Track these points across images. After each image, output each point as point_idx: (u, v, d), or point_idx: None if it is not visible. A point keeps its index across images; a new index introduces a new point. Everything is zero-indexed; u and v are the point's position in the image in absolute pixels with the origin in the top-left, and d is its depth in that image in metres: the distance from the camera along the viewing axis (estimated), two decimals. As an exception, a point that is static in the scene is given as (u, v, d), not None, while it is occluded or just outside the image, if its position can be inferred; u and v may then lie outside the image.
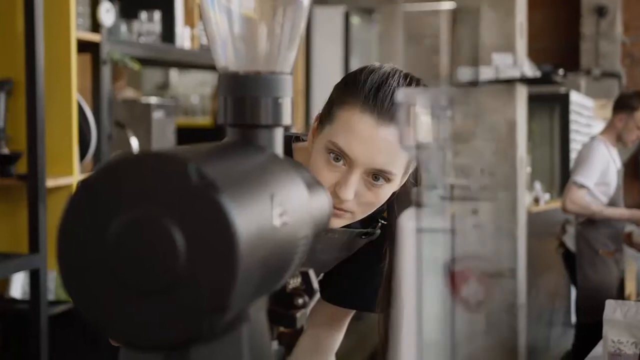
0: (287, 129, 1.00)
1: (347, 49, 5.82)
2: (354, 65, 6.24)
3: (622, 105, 4.44)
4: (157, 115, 3.19)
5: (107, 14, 2.74)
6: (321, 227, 0.88)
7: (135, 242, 0.63)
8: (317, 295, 0.84)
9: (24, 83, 2.46)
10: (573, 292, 5.19)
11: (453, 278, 0.70)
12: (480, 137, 5.40)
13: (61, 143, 2.61)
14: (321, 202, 0.87)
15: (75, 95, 2.62)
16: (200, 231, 0.62)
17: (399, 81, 1.29)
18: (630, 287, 4.92)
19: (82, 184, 0.64)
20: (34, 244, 2.41)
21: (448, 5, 5.49)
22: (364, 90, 1.28)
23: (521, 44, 5.45)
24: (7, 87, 2.55)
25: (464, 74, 5.27)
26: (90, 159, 2.79)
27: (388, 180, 1.28)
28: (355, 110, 1.26)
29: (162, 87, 5.90)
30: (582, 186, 4.28)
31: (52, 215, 2.53)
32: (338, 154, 1.27)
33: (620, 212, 4.46)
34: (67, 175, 2.61)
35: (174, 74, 5.93)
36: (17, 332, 2.60)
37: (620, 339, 1.97)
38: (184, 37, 3.32)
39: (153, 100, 3.37)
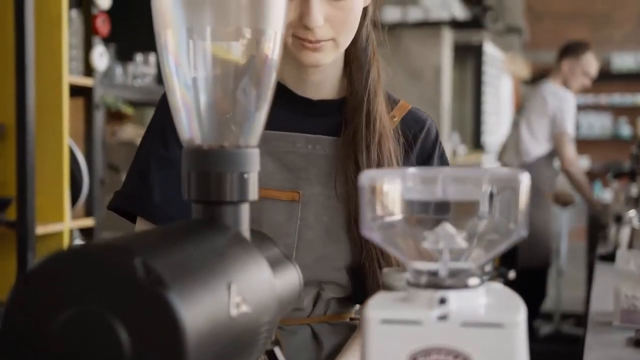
0: None
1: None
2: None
3: (569, 51, 4.53)
4: (153, 157, 3.16)
5: (101, 58, 2.73)
6: (289, 304, 0.84)
7: (78, 338, 0.60)
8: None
9: (15, 127, 2.44)
10: None
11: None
12: (405, 82, 5.29)
13: (52, 189, 2.58)
14: (289, 279, 0.84)
15: (67, 140, 2.60)
16: (146, 328, 0.59)
17: None
18: None
19: (24, 278, 0.61)
20: (22, 293, 2.36)
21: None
22: None
23: None
24: (-2, 131, 2.53)
25: (391, 13, 5.20)
26: (82, 205, 2.76)
27: None
28: None
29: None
30: (572, 138, 4.36)
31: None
32: None
33: (595, 198, 4.57)
34: (58, 221, 2.58)
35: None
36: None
37: (635, 293, 1.77)
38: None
39: (149, 142, 3.34)
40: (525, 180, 0.67)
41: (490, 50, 7.31)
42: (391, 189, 0.70)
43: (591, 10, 10.17)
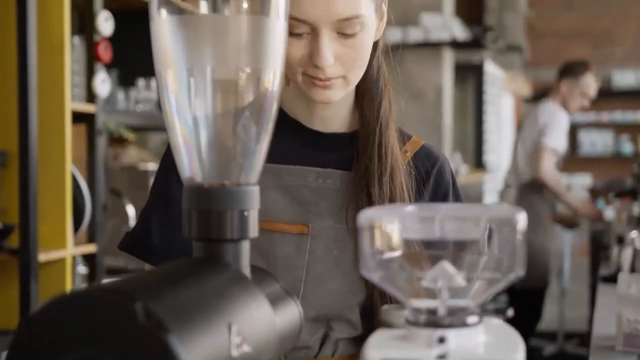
0: None
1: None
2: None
3: (568, 71, 4.52)
4: (155, 181, 3.17)
5: (103, 85, 2.74)
6: (290, 341, 0.85)
7: (80, 383, 0.60)
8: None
9: (18, 155, 2.46)
10: None
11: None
12: (406, 103, 5.29)
13: (55, 215, 2.59)
14: (290, 316, 0.84)
15: (70, 167, 2.61)
16: (148, 372, 0.59)
17: None
18: None
19: (26, 321, 0.62)
20: (25, 320, 2.37)
21: None
22: None
23: (448, 3, 5.39)
24: (0, 158, 2.54)
25: (391, 34, 5.22)
26: (84, 231, 2.77)
27: (361, 25, 1.16)
28: None
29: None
30: (554, 151, 4.33)
31: (44, 290, 2.50)
32: (296, 26, 1.15)
33: (577, 202, 4.56)
34: (61, 248, 2.59)
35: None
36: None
37: (637, 317, 1.76)
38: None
39: (151, 166, 3.36)
40: (522, 219, 0.68)
41: (491, 70, 7.33)
42: (390, 229, 0.70)
43: (592, 28, 10.20)
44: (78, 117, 2.71)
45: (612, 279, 2.82)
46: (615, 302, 1.84)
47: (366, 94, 1.28)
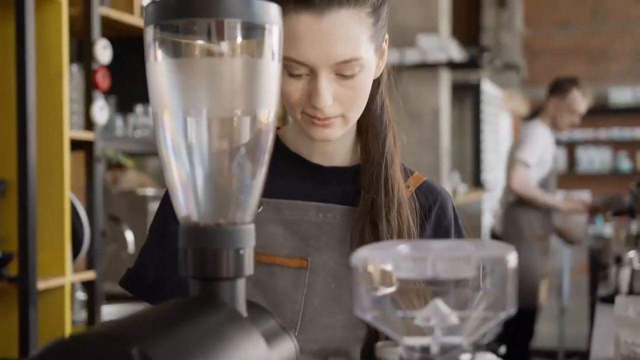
0: None
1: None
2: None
3: (555, 89, 4.54)
4: (154, 206, 3.19)
5: (101, 112, 2.76)
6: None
7: None
8: None
9: (17, 183, 2.47)
10: None
11: None
12: (403, 125, 5.30)
13: (54, 243, 2.60)
14: (285, 352, 0.85)
15: (69, 195, 2.62)
16: (145, 416, 0.60)
17: None
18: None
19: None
20: (24, 349, 2.38)
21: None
22: None
23: (445, 25, 5.41)
24: None
25: (388, 56, 5.23)
26: (83, 258, 2.77)
27: (360, 66, 1.16)
28: (290, 14, 1.13)
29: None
30: (525, 164, 4.32)
31: (44, 318, 2.50)
32: (295, 67, 1.15)
33: (559, 201, 4.53)
34: (60, 275, 2.60)
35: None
36: None
37: (635, 339, 1.74)
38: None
39: (150, 191, 3.37)
40: (512, 259, 0.69)
41: (488, 89, 7.37)
42: (383, 268, 0.72)
43: (588, 46, 10.25)
44: (76, 144, 2.73)
45: (610, 299, 2.82)
46: (613, 323, 1.85)
47: (370, 130, 1.28)
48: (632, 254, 3.10)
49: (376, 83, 1.26)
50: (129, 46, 3.19)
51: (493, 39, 9.43)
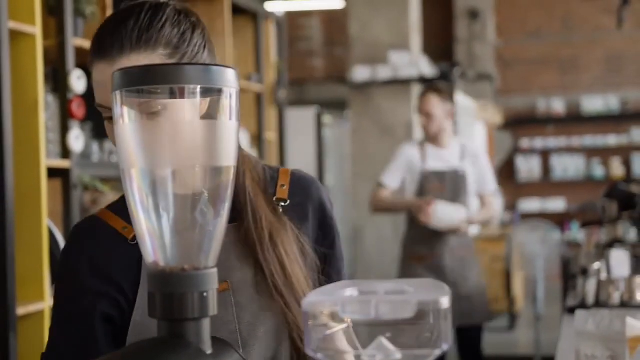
0: None
1: (321, 147, 5.95)
2: (328, 162, 6.40)
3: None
4: (131, 228, 3.24)
5: (77, 141, 2.82)
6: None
7: None
8: None
9: (-5, 212, 2.52)
10: None
11: None
12: (376, 139, 5.35)
13: (32, 270, 2.65)
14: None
15: (46, 222, 2.68)
16: None
17: (131, 10, 1.22)
18: None
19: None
20: (5, 375, 2.43)
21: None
22: (94, 40, 1.21)
23: (416, 41, 5.49)
24: (-22, 215, 2.60)
25: (360, 72, 5.24)
26: (62, 282, 2.83)
27: (163, 105, 1.11)
28: (95, 63, 1.20)
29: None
30: (380, 185, 4.24)
31: (23, 344, 2.55)
32: (104, 111, 1.21)
33: (402, 200, 4.28)
34: (39, 301, 2.65)
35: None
36: None
37: (594, 352, 1.80)
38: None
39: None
40: (445, 303, 0.77)
41: (462, 101, 7.48)
42: (331, 311, 0.79)
43: (559, 55, 10.41)
44: (53, 172, 2.78)
45: (576, 310, 2.88)
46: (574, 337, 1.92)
47: None
48: (597, 265, 3.17)
49: None
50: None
51: (466, 50, 9.56)
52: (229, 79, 0.89)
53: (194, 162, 0.89)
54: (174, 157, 0.89)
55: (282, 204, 1.33)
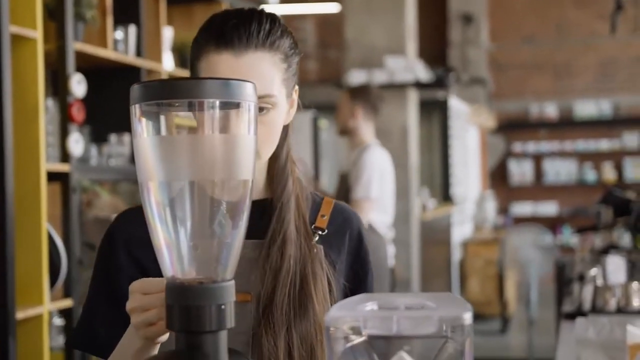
0: None
1: (316, 151, 5.96)
2: (324, 167, 6.41)
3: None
4: (128, 232, 3.23)
5: (76, 145, 2.82)
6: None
7: None
8: None
9: (-6, 216, 2.51)
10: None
11: None
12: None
13: (31, 273, 2.64)
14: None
15: (45, 226, 2.67)
16: None
17: (252, 12, 1.26)
18: None
19: None
20: (5, 380, 2.43)
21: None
22: (213, 30, 1.24)
23: (412, 45, 5.49)
24: (-23, 219, 2.59)
25: (356, 76, 5.21)
26: (60, 286, 2.82)
27: (272, 104, 1.24)
28: (212, 54, 1.23)
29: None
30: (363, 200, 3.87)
31: (22, 347, 2.55)
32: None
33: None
34: (38, 305, 2.64)
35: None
36: None
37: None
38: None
39: (124, 217, 3.41)
40: (468, 319, 0.77)
41: (456, 104, 7.50)
42: (353, 326, 0.80)
43: (553, 60, 10.43)
44: (53, 176, 2.78)
45: (574, 316, 2.88)
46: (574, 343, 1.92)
47: (275, 177, 1.33)
48: (594, 271, 3.17)
49: (284, 133, 1.33)
50: (102, 78, 3.26)
51: (459, 55, 9.58)
52: (248, 93, 0.90)
53: (212, 175, 0.89)
54: (193, 170, 0.89)
55: (320, 232, 1.34)
